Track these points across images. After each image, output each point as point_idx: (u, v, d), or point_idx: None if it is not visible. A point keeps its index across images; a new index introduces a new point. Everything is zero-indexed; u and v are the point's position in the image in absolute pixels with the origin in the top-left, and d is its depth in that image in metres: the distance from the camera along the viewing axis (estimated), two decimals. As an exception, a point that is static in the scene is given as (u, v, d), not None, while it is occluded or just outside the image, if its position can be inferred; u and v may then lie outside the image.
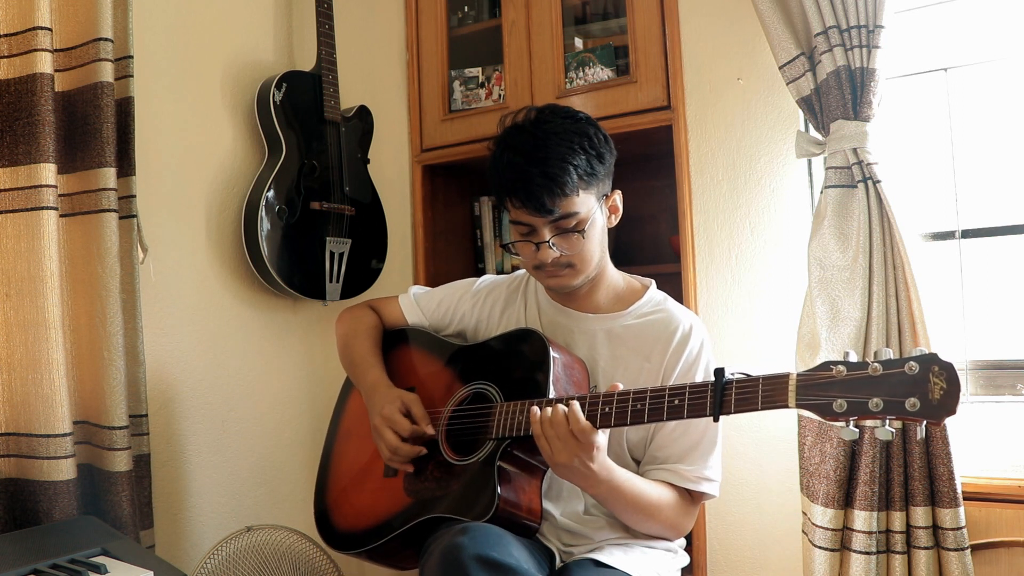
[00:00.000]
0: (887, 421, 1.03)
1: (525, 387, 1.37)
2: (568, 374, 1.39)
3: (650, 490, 1.34)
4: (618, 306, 1.49)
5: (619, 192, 1.48)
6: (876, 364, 1.03)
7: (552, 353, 1.37)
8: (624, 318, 1.47)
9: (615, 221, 1.48)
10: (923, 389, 0.99)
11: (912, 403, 0.99)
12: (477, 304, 1.60)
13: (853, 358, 1.06)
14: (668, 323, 1.45)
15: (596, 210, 1.41)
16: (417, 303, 1.66)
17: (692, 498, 1.41)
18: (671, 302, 1.51)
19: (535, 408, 1.25)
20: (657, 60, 1.99)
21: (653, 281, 1.55)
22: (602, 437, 1.23)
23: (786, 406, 1.08)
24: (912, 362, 1.01)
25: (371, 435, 1.50)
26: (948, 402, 0.98)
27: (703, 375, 1.42)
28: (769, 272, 1.90)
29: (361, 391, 1.57)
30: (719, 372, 1.15)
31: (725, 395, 1.14)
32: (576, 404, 1.22)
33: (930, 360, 1.00)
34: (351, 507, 1.54)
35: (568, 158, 1.34)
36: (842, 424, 1.06)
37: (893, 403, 1.01)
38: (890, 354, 1.04)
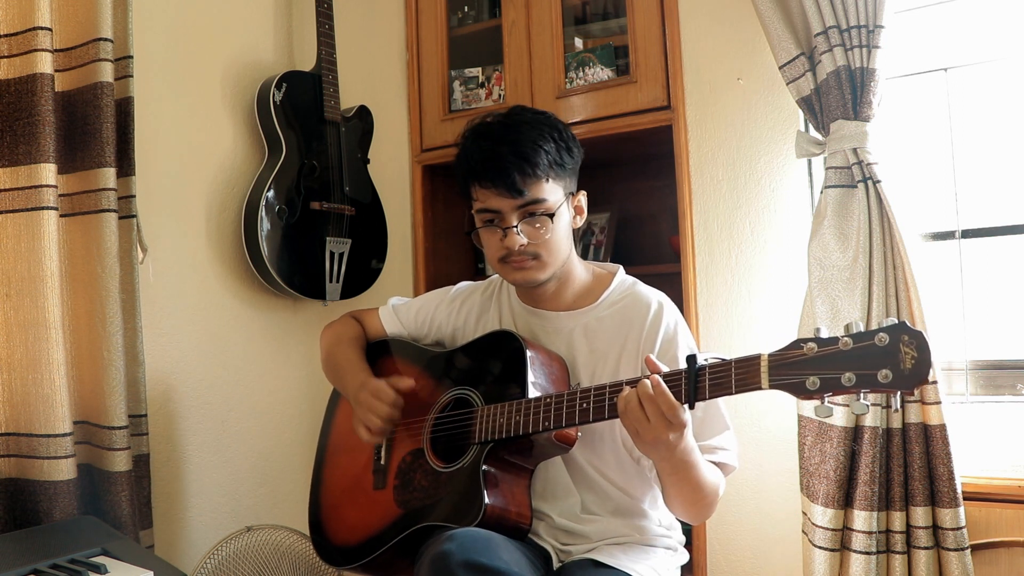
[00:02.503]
0: (861, 395, 1.02)
1: (504, 389, 1.37)
2: (546, 371, 1.39)
3: (709, 467, 1.31)
4: (589, 299, 1.48)
5: (584, 193, 1.48)
6: (846, 338, 1.02)
7: (528, 353, 1.37)
8: (596, 310, 1.46)
9: (580, 222, 1.48)
10: (894, 359, 0.98)
11: (884, 374, 0.98)
12: (453, 312, 1.60)
13: (824, 334, 1.05)
14: (639, 306, 1.44)
15: (563, 204, 1.41)
16: (396, 314, 1.66)
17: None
18: (639, 285, 1.50)
19: (626, 387, 1.19)
20: (657, 60, 1.99)
21: (620, 267, 1.54)
22: (689, 415, 1.18)
23: (760, 388, 1.07)
24: (882, 333, 0.99)
25: (359, 450, 1.49)
26: (920, 370, 0.96)
27: (684, 352, 1.40)
28: (769, 272, 1.90)
29: (348, 394, 1.56)
30: (691, 359, 1.14)
31: (699, 381, 1.13)
32: (662, 382, 1.15)
33: (899, 330, 0.99)
34: (344, 523, 1.54)
35: (539, 142, 1.36)
36: (817, 402, 1.04)
37: (865, 376, 0.99)
38: (861, 327, 1.03)
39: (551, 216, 1.38)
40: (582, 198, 1.48)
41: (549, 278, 1.43)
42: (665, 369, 1.19)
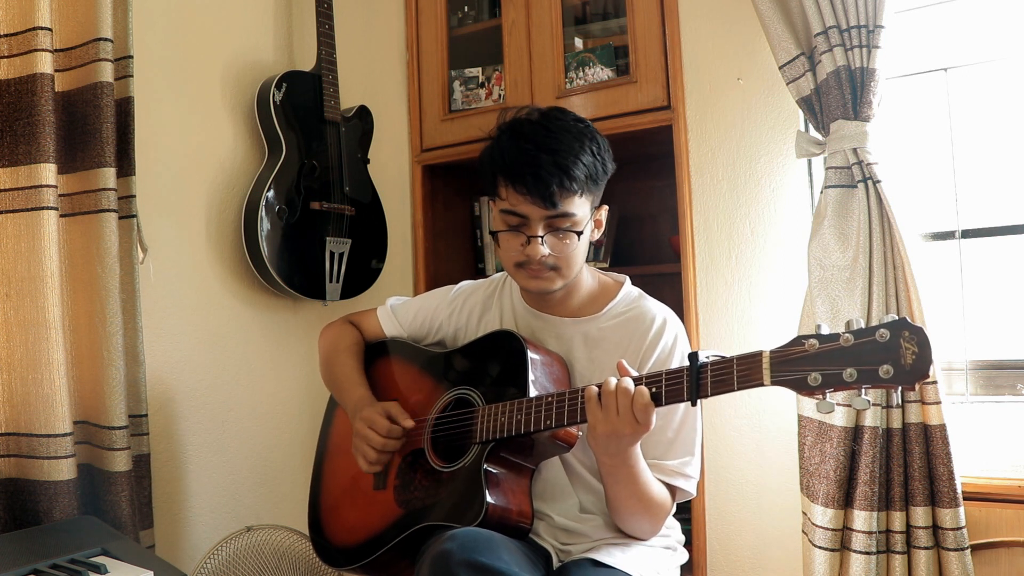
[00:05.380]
0: (863, 390, 1.02)
1: (505, 389, 1.37)
2: (547, 372, 1.39)
3: (654, 483, 1.33)
4: (593, 308, 1.47)
5: (606, 208, 1.47)
6: (847, 335, 1.02)
7: (529, 353, 1.37)
8: (599, 320, 1.46)
9: (598, 235, 1.47)
10: (895, 355, 0.98)
11: (886, 370, 0.98)
12: (454, 312, 1.59)
13: (825, 330, 1.05)
14: (642, 319, 1.44)
15: (588, 219, 1.40)
16: (394, 314, 1.65)
17: (672, 496, 1.39)
18: (646, 298, 1.49)
19: (610, 379, 1.20)
20: (657, 60, 1.99)
21: (627, 278, 1.53)
22: (655, 421, 1.20)
23: (762, 384, 1.07)
24: (883, 329, 0.99)
25: None
26: (920, 366, 0.96)
27: (678, 366, 1.40)
28: (769, 272, 1.90)
29: (346, 410, 1.56)
30: (693, 356, 1.14)
31: (701, 378, 1.13)
32: (642, 387, 1.18)
33: (900, 325, 0.99)
34: (344, 523, 1.54)
35: (579, 155, 1.34)
36: (819, 398, 1.04)
37: (867, 372, 0.99)
38: (861, 323, 1.03)
39: (579, 233, 1.37)
40: (603, 212, 1.46)
41: (561, 288, 1.42)
42: (635, 374, 1.21)
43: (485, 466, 1.32)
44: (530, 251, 1.36)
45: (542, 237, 1.35)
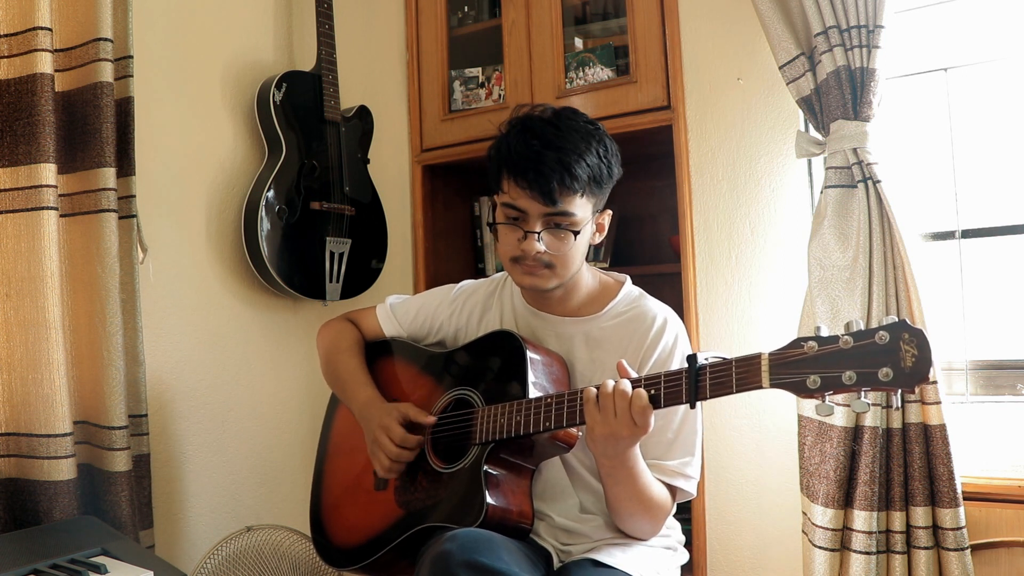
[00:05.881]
0: (862, 393, 1.01)
1: (504, 389, 1.37)
2: (547, 372, 1.39)
3: (654, 483, 1.33)
4: (594, 307, 1.47)
5: (609, 212, 1.47)
6: (847, 337, 1.02)
7: (529, 353, 1.36)
8: (600, 319, 1.46)
9: (598, 239, 1.47)
10: (895, 358, 0.97)
11: (885, 372, 0.98)
12: (455, 312, 1.59)
13: (824, 332, 1.04)
14: (643, 319, 1.43)
15: (589, 221, 1.39)
16: (393, 313, 1.64)
17: (672, 497, 1.39)
18: (646, 297, 1.49)
19: (608, 381, 1.21)
20: (657, 60, 1.99)
21: (627, 277, 1.53)
22: (654, 423, 1.20)
23: (760, 387, 1.07)
24: (882, 331, 0.99)
25: (359, 451, 1.49)
26: (920, 368, 0.96)
27: (678, 367, 1.40)
28: (769, 272, 1.90)
29: (353, 410, 1.56)
30: (691, 358, 1.14)
31: (699, 380, 1.13)
32: (641, 389, 1.18)
33: (900, 328, 0.98)
34: (345, 523, 1.54)
35: (585, 155, 1.34)
36: (818, 401, 1.04)
37: (866, 374, 0.99)
38: (861, 325, 1.02)
39: (576, 232, 1.36)
40: (606, 217, 1.46)
41: (556, 287, 1.42)
42: (634, 375, 1.20)
43: (485, 467, 1.32)
44: (526, 246, 1.36)
45: (539, 233, 1.35)
